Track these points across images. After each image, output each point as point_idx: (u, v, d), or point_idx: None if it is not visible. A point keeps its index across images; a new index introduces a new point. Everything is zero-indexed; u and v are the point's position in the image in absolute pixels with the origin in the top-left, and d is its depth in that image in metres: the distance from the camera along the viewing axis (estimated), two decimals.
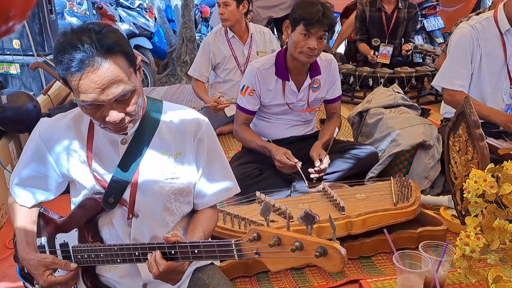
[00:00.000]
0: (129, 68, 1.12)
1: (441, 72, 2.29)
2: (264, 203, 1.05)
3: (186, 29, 6.16)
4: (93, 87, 1.07)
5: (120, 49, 1.09)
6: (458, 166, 1.77)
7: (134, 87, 1.13)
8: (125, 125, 1.17)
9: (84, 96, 1.08)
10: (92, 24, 1.11)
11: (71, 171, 1.29)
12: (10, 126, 2.23)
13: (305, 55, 2.12)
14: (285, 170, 2.20)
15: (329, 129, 2.40)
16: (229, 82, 3.27)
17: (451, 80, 2.22)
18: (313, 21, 2.03)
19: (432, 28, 5.59)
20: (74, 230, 1.32)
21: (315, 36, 2.07)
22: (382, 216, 1.82)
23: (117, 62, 1.08)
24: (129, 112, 1.15)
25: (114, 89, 1.09)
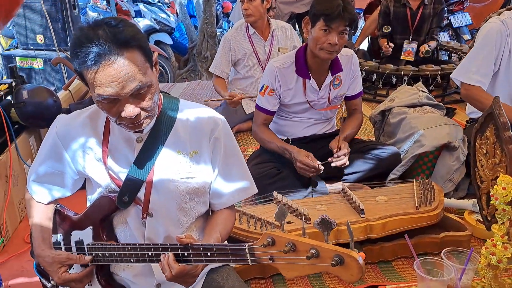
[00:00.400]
0: (145, 63, 1.10)
1: (461, 65, 2.22)
2: (279, 207, 1.01)
3: (207, 25, 6.15)
4: (109, 81, 1.05)
5: (136, 44, 1.08)
6: (484, 170, 1.70)
7: (150, 82, 1.11)
8: (141, 121, 1.15)
9: (99, 90, 1.07)
10: (108, 18, 1.09)
11: (86, 169, 1.29)
12: (31, 121, 2.25)
13: (326, 52, 2.07)
14: (306, 173, 2.16)
15: (350, 125, 2.35)
16: (250, 79, 3.23)
17: (469, 75, 2.14)
18: (334, 16, 1.97)
19: (459, 25, 5.43)
20: (89, 228, 1.31)
21: (335, 32, 2.02)
22: (403, 220, 1.76)
23: (133, 57, 1.07)
24: (145, 107, 1.13)
25: (130, 83, 1.07)
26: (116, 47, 1.04)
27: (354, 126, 2.35)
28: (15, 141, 2.13)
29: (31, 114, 2.22)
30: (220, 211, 1.36)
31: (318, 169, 2.11)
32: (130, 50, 1.06)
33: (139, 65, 1.08)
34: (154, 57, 1.17)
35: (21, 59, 4.15)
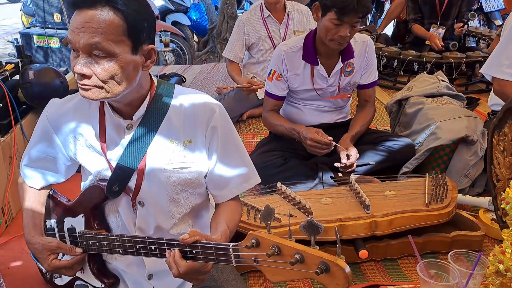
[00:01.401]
0: (122, 35, 1.03)
1: (491, 58, 2.04)
2: (265, 207, 0.95)
3: (227, 6, 6.03)
4: (76, 26, 1.02)
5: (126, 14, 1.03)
6: (501, 168, 1.59)
7: (114, 54, 1.03)
8: (88, 87, 1.06)
9: (68, 33, 1.04)
10: None
11: (77, 156, 1.25)
12: (37, 102, 2.24)
13: (336, 43, 1.97)
14: (317, 151, 2.06)
15: (359, 121, 2.23)
16: (264, 63, 3.14)
17: (502, 68, 1.97)
18: (347, 10, 1.84)
19: (491, 9, 5.17)
20: (81, 215, 1.29)
21: (348, 24, 1.90)
22: (410, 218, 1.67)
23: (113, 19, 1.02)
24: (97, 75, 1.05)
25: (89, 36, 1.01)
26: (105, 1, 1.01)
27: (364, 123, 2.23)
28: (20, 122, 2.12)
29: (37, 94, 2.20)
30: (225, 203, 1.29)
31: (330, 144, 2.02)
32: (115, 12, 1.02)
33: (112, 29, 1.02)
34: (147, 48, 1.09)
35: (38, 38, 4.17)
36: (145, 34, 1.09)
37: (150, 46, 1.11)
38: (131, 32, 1.05)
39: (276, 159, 2.14)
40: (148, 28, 1.09)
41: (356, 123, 2.23)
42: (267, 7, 3.03)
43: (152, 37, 1.12)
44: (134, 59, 1.08)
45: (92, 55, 1.03)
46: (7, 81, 2.13)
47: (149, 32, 1.10)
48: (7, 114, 2.05)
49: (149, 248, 1.13)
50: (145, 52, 1.10)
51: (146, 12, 1.08)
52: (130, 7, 1.04)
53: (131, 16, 1.04)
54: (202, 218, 1.36)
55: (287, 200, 1.83)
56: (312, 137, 2.01)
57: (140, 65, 1.10)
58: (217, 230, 1.16)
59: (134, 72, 1.09)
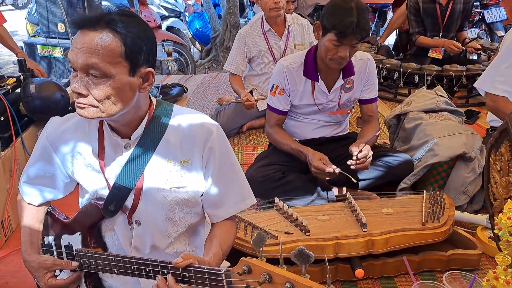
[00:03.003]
0: (119, 57, 1.05)
1: (486, 73, 2.07)
2: (257, 234, 0.95)
3: (230, 15, 6.07)
4: (75, 46, 1.05)
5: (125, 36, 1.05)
6: (498, 187, 1.59)
7: (110, 74, 1.05)
8: (83, 106, 1.08)
9: (69, 53, 1.07)
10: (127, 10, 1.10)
11: (75, 174, 1.27)
12: (38, 115, 2.26)
13: (336, 62, 1.98)
14: (321, 177, 2.08)
15: (368, 130, 2.21)
16: (264, 76, 3.16)
17: (494, 84, 1.99)
18: (346, 33, 1.86)
19: (493, 20, 5.17)
20: (78, 233, 1.31)
21: (347, 45, 1.91)
22: (407, 236, 1.67)
23: (112, 43, 1.04)
24: (93, 94, 1.06)
25: (87, 57, 1.03)
26: (105, 23, 1.04)
27: (373, 133, 2.23)
28: (21, 135, 2.14)
29: (38, 108, 2.22)
30: (220, 223, 1.30)
31: (334, 172, 2.04)
32: (114, 34, 1.04)
33: (110, 52, 1.04)
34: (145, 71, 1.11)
35: (42, 47, 4.20)
36: (143, 57, 1.10)
37: (148, 69, 1.12)
38: (129, 55, 1.06)
39: (274, 173, 2.15)
40: (147, 51, 1.11)
41: (366, 132, 2.20)
42: (268, 21, 3.04)
43: (151, 60, 1.13)
44: (131, 81, 1.09)
45: (89, 74, 1.05)
46: (9, 95, 2.15)
47: (147, 55, 1.11)
48: (8, 128, 2.07)
49: (143, 270, 1.13)
50: (143, 74, 1.12)
51: (146, 36, 1.10)
52: (130, 30, 1.06)
53: (129, 39, 1.05)
54: (198, 236, 1.37)
55: (285, 217, 1.83)
56: (317, 166, 2.02)
57: (137, 87, 1.12)
58: (210, 252, 1.17)
59: (130, 94, 1.11)
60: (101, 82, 1.06)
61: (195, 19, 6.82)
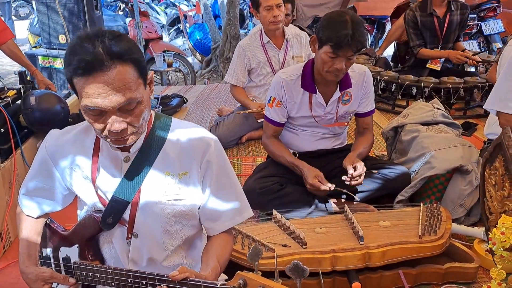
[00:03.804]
0: (138, 79, 1.08)
1: (494, 93, 2.03)
2: (253, 248, 0.97)
3: (230, 26, 6.12)
4: (98, 92, 1.03)
5: (130, 58, 1.06)
6: (493, 201, 1.60)
7: (140, 99, 1.09)
8: (127, 136, 1.12)
9: (87, 101, 1.05)
10: (108, 30, 1.07)
11: (73, 186, 1.28)
12: (37, 127, 2.28)
13: (332, 75, 2.01)
14: (317, 193, 2.11)
15: (362, 143, 2.26)
16: (263, 87, 3.18)
17: (506, 103, 1.95)
18: (341, 45, 1.89)
19: (491, 32, 5.21)
20: (76, 246, 1.32)
21: (343, 57, 1.94)
22: (404, 250, 1.68)
23: (126, 71, 1.05)
24: (131, 123, 1.10)
25: (119, 96, 1.04)
26: (110, 58, 1.02)
27: (367, 145, 2.26)
28: (20, 147, 2.16)
29: (38, 119, 2.24)
30: (217, 236, 1.31)
31: (329, 190, 2.06)
32: (123, 63, 1.04)
33: (131, 80, 1.05)
34: (150, 76, 1.15)
35: (43, 58, 4.24)
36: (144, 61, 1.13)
37: (151, 73, 1.16)
38: (141, 72, 1.09)
39: (272, 185, 2.16)
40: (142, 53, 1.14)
41: (359, 144, 2.25)
42: (267, 33, 3.08)
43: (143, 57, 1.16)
44: (147, 92, 1.14)
45: (121, 109, 1.07)
46: (9, 107, 2.17)
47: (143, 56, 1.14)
48: (8, 139, 2.09)
49: (140, 283, 1.14)
50: (149, 80, 1.15)
51: (136, 45, 1.12)
52: (130, 51, 1.07)
53: (134, 58, 1.07)
54: (195, 249, 1.37)
55: (282, 229, 1.84)
56: (312, 183, 2.05)
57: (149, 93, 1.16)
58: (208, 266, 1.17)
59: (150, 104, 1.16)
60: (135, 109, 1.09)
61: (195, 30, 6.88)
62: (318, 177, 2.07)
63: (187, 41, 7.11)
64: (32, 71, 2.72)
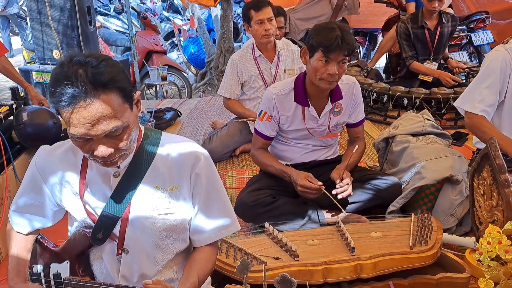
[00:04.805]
0: (123, 104, 1.09)
1: (465, 93, 2.15)
2: (241, 261, 0.97)
3: (224, 40, 6.17)
4: (83, 122, 1.04)
5: (115, 86, 1.06)
6: (482, 211, 1.62)
7: (127, 124, 1.10)
8: (115, 159, 1.14)
9: (73, 130, 1.06)
10: (91, 57, 1.07)
11: (63, 202, 1.29)
12: (30, 143, 2.28)
13: (325, 82, 2.03)
14: (308, 196, 2.11)
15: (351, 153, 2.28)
16: (255, 100, 3.20)
17: (473, 103, 2.07)
18: (332, 47, 1.93)
19: (480, 43, 5.28)
20: (66, 262, 1.32)
21: (335, 62, 1.98)
22: (395, 260, 1.68)
23: (111, 99, 1.05)
24: (119, 147, 1.11)
25: (104, 125, 1.06)
26: (93, 88, 1.03)
27: (357, 155, 2.29)
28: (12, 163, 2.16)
29: (30, 135, 2.24)
30: (201, 248, 1.33)
31: (320, 189, 2.06)
32: (107, 92, 1.05)
33: (116, 107, 1.06)
34: (136, 95, 1.16)
35: (37, 74, 4.25)
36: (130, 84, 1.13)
37: (137, 93, 1.17)
38: (126, 96, 1.10)
39: (265, 198, 2.17)
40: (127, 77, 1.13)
41: (349, 155, 2.27)
42: (258, 47, 3.11)
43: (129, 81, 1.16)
44: (134, 113, 1.15)
45: (108, 135, 1.08)
46: (1, 123, 2.18)
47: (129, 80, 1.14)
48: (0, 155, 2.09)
49: None
50: (136, 101, 1.16)
51: (120, 67, 1.11)
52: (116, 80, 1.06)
53: (118, 83, 1.07)
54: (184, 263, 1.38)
55: (275, 242, 1.84)
56: (303, 184, 2.05)
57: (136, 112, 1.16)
58: (187, 280, 1.20)
59: (137, 122, 1.18)
60: (122, 134, 1.10)
61: (190, 43, 6.94)
62: (308, 178, 2.08)
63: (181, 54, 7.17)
64: (25, 87, 2.73)
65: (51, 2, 4.05)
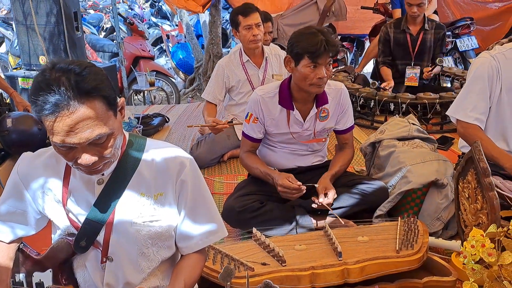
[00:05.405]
0: (107, 112, 1.08)
1: (456, 102, 2.16)
2: (225, 268, 0.97)
3: (213, 45, 6.18)
4: (66, 130, 1.03)
5: (98, 94, 1.05)
6: (467, 214, 1.63)
7: (111, 131, 1.09)
8: (99, 167, 1.13)
9: (56, 138, 1.05)
10: (74, 64, 1.06)
11: (46, 210, 1.27)
12: (14, 149, 2.26)
13: (316, 86, 2.05)
14: (289, 196, 2.11)
15: (339, 161, 2.29)
16: (243, 105, 3.20)
17: (466, 112, 2.08)
18: (319, 52, 1.94)
19: (466, 48, 5.36)
20: (49, 270, 1.30)
21: (323, 65, 1.99)
22: (381, 265, 1.69)
23: (94, 106, 1.04)
24: (104, 155, 1.10)
25: (88, 133, 1.04)
26: (76, 96, 1.01)
27: (344, 163, 2.29)
28: None
29: (14, 142, 2.22)
30: (188, 256, 1.32)
31: (300, 189, 2.06)
32: (91, 100, 1.03)
33: (100, 115, 1.05)
34: (120, 102, 1.15)
35: (23, 80, 4.21)
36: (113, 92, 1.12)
37: (121, 100, 1.16)
38: (110, 103, 1.09)
39: (253, 203, 2.16)
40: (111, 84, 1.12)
41: (336, 163, 2.28)
42: (246, 52, 3.12)
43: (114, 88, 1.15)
44: (118, 120, 1.14)
45: (92, 143, 1.07)
46: None
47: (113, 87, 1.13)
48: None
49: None
50: (120, 107, 1.15)
51: (103, 74, 1.10)
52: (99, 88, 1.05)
53: (102, 91, 1.06)
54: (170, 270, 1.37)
55: (262, 247, 1.84)
56: (282, 183, 2.06)
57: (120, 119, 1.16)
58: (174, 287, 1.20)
59: (121, 129, 1.17)
60: (106, 142, 1.09)
61: (178, 49, 6.93)
62: (288, 178, 2.08)
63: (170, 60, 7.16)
64: (10, 93, 2.70)
65: (37, 7, 4.02)
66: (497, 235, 1.09)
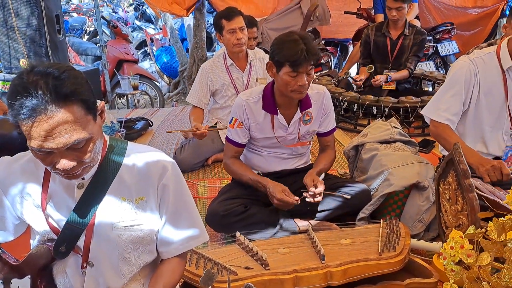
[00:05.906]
0: (86, 116, 1.06)
1: (431, 102, 2.22)
2: (206, 272, 0.96)
3: (197, 49, 6.17)
4: (44, 135, 1.01)
5: (77, 98, 1.03)
6: (448, 216, 1.65)
7: (90, 135, 1.07)
8: (78, 172, 1.11)
9: (33, 143, 1.03)
10: (53, 67, 1.04)
11: (24, 215, 1.25)
12: None
13: (297, 92, 2.05)
14: (283, 208, 2.13)
15: (323, 160, 2.32)
16: (228, 108, 3.20)
17: (438, 112, 2.14)
18: (299, 61, 1.94)
19: (446, 53, 5.46)
20: (27, 277, 1.27)
21: (303, 73, 2.00)
22: (364, 267, 1.70)
23: (73, 111, 1.02)
24: (82, 160, 1.09)
25: (66, 138, 1.02)
26: (54, 100, 0.99)
27: (327, 162, 2.31)
28: None
29: None
30: (168, 260, 1.32)
31: (295, 203, 2.08)
32: (69, 104, 1.02)
33: (78, 119, 1.03)
34: (100, 106, 1.13)
35: (3, 83, 4.13)
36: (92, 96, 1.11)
37: (101, 104, 1.14)
38: (89, 107, 1.07)
39: (236, 207, 2.16)
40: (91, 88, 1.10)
41: (320, 162, 2.30)
42: (230, 56, 3.12)
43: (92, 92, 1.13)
44: (98, 123, 1.12)
45: (70, 148, 1.05)
46: None
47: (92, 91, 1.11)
48: None
49: None
50: (99, 111, 1.14)
51: (82, 77, 1.08)
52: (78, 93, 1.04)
53: (80, 95, 1.04)
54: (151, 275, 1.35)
55: (246, 251, 1.83)
56: (280, 198, 2.07)
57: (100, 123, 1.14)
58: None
59: (101, 133, 1.15)
60: (84, 147, 1.07)
61: (162, 53, 6.90)
62: (285, 192, 2.09)
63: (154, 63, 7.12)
64: None
65: (17, 10, 3.96)
66: (475, 236, 1.11)
